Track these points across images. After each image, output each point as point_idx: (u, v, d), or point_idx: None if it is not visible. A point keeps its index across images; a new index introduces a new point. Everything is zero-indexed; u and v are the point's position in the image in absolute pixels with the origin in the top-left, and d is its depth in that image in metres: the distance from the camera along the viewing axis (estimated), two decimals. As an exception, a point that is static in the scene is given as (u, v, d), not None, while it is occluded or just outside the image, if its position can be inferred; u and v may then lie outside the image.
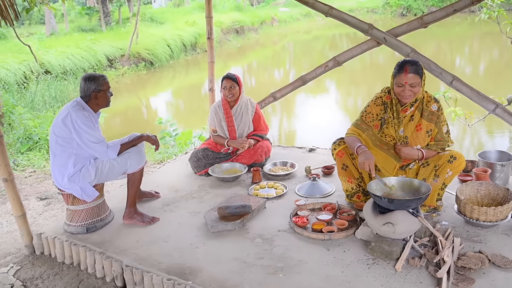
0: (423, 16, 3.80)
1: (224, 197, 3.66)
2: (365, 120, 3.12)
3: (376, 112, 3.09)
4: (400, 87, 2.92)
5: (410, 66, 2.87)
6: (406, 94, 2.91)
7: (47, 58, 12.10)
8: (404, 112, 3.02)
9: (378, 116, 3.09)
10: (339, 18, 4.06)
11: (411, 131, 3.03)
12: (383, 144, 3.09)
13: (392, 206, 2.61)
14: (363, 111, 3.15)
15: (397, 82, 2.92)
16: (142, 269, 2.71)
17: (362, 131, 3.10)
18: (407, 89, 2.89)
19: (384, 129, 3.09)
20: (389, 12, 29.27)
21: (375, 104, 3.10)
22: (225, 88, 4.17)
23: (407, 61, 2.91)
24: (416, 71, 2.86)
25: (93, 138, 3.05)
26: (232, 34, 21.16)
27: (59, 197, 4.50)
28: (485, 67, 12.91)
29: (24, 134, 6.31)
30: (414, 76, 2.86)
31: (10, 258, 3.31)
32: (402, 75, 2.88)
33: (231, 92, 4.16)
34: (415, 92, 2.91)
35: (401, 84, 2.90)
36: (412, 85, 2.88)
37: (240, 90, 4.21)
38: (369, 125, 3.11)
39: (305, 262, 2.67)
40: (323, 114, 9.04)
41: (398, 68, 2.93)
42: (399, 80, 2.91)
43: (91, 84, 3.11)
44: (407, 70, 2.86)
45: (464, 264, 2.48)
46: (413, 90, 2.90)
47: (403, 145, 3.04)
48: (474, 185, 3.13)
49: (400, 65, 2.93)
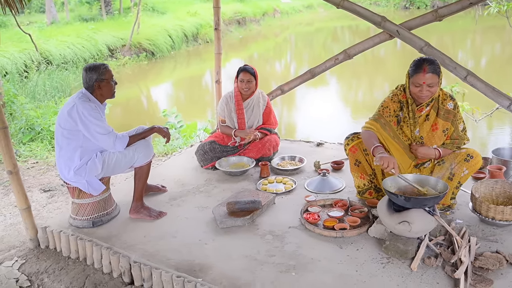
0: (438, 9, 3.71)
1: (232, 192, 3.59)
2: (383, 115, 3.00)
3: (394, 108, 2.99)
4: (418, 87, 2.80)
5: (429, 66, 2.74)
6: (423, 95, 2.80)
7: (47, 47, 11.96)
8: (420, 111, 2.93)
9: (395, 112, 2.99)
10: (351, 10, 3.97)
11: (426, 131, 2.94)
12: (399, 141, 3.00)
13: (408, 204, 2.55)
14: (380, 106, 3.05)
15: (414, 82, 2.80)
16: (151, 265, 2.66)
17: (381, 125, 2.98)
18: (424, 89, 2.78)
19: (400, 126, 3.00)
20: (392, 5, 29.09)
21: (392, 100, 3.00)
22: (242, 81, 4.09)
23: (425, 60, 2.78)
24: (434, 71, 2.75)
25: (101, 129, 2.98)
26: (233, 25, 20.97)
27: (63, 189, 4.43)
28: (492, 62, 12.81)
29: (26, 124, 6.23)
30: (433, 76, 2.75)
31: (14, 251, 3.25)
32: (420, 75, 2.76)
33: (248, 86, 4.09)
34: (433, 92, 2.81)
35: (418, 84, 2.78)
36: (430, 85, 2.77)
37: (257, 84, 4.14)
38: (387, 120, 2.99)
39: (317, 260, 2.61)
40: (328, 107, 8.96)
41: (415, 67, 2.79)
42: (416, 80, 2.78)
43: (93, 74, 3.03)
44: (425, 70, 2.74)
45: (481, 265, 2.42)
46: (431, 90, 2.79)
47: (419, 145, 2.95)
48: (489, 183, 3.07)
49: (417, 64, 2.79)
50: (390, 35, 3.92)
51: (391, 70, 12.43)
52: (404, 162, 3.02)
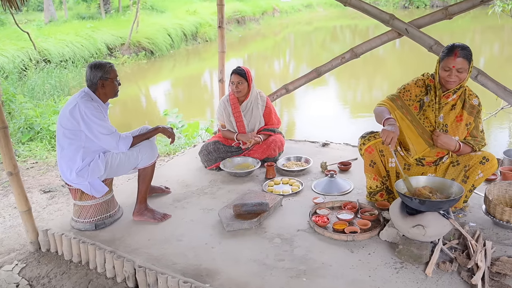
0: (448, 7, 3.62)
1: (237, 194, 3.51)
2: (402, 97, 2.94)
3: (416, 93, 2.93)
4: (447, 71, 2.76)
5: (460, 50, 2.71)
6: (451, 80, 2.76)
7: (46, 46, 11.83)
8: (446, 98, 2.86)
9: (417, 97, 2.93)
10: (359, 7, 3.88)
11: (451, 120, 2.88)
12: (419, 126, 2.92)
13: (423, 208, 2.47)
14: (401, 88, 2.98)
15: (444, 66, 2.77)
16: (156, 270, 2.57)
17: (397, 106, 2.92)
18: (453, 74, 2.74)
19: (423, 111, 2.92)
20: (392, 4, 29.04)
21: (415, 84, 2.95)
22: (232, 83, 4.00)
23: (457, 45, 2.75)
24: (466, 56, 2.71)
25: (104, 129, 2.89)
26: (233, 24, 20.87)
27: (63, 190, 4.34)
28: (493, 61, 12.75)
29: (25, 124, 6.12)
30: (463, 61, 2.71)
31: (14, 254, 3.16)
32: (451, 59, 2.72)
33: (238, 88, 3.98)
34: (461, 78, 2.76)
35: (448, 68, 2.75)
36: (459, 70, 2.73)
37: (250, 85, 4.03)
38: (405, 103, 2.93)
39: (328, 264, 2.53)
40: (331, 106, 8.87)
41: (447, 51, 2.77)
42: (446, 64, 2.75)
43: (98, 71, 2.95)
44: (456, 54, 2.71)
45: (499, 270, 2.35)
46: (460, 76, 2.75)
47: (442, 133, 2.87)
48: (503, 185, 3.00)
49: (449, 48, 2.76)
50: (399, 34, 3.84)
51: (393, 68, 12.35)
52: (418, 144, 2.93)
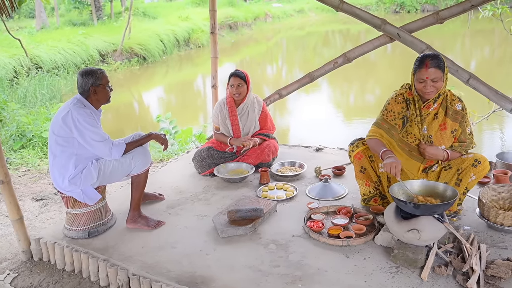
0: (439, 11, 3.65)
1: (231, 199, 3.49)
2: (386, 119, 2.95)
3: (398, 110, 2.93)
4: (422, 83, 2.77)
5: (431, 60, 2.72)
6: (428, 90, 2.77)
7: (37, 53, 11.76)
8: (427, 108, 2.87)
9: (399, 114, 2.93)
10: (350, 12, 3.90)
11: (435, 130, 2.89)
12: (404, 145, 2.93)
13: (417, 212, 2.47)
14: (383, 109, 2.99)
15: (418, 78, 2.78)
16: (151, 278, 2.55)
17: (384, 131, 2.93)
18: (428, 85, 2.75)
19: (407, 127, 2.93)
20: (383, 9, 29.17)
21: (395, 101, 2.95)
22: (232, 86, 3.99)
23: (427, 55, 2.77)
24: (437, 65, 2.72)
25: (96, 136, 2.87)
26: (225, 30, 20.89)
27: (56, 197, 4.30)
28: (485, 64, 12.85)
29: (17, 131, 6.06)
30: (436, 70, 2.72)
31: (6, 264, 3.11)
32: (423, 70, 2.74)
33: (238, 91, 3.98)
34: (438, 87, 2.77)
35: (422, 79, 2.76)
36: (433, 80, 2.74)
37: (248, 88, 4.04)
38: (392, 124, 2.94)
39: (324, 270, 2.52)
40: (324, 111, 8.89)
41: (418, 63, 2.78)
42: (420, 76, 2.76)
43: (89, 78, 2.94)
44: (427, 65, 2.72)
45: (494, 273, 2.35)
46: (435, 85, 2.75)
47: (427, 145, 2.88)
48: (496, 188, 3.02)
49: (420, 60, 2.78)
50: (390, 38, 3.85)
51: (385, 73, 12.41)
52: (411, 166, 2.94)
